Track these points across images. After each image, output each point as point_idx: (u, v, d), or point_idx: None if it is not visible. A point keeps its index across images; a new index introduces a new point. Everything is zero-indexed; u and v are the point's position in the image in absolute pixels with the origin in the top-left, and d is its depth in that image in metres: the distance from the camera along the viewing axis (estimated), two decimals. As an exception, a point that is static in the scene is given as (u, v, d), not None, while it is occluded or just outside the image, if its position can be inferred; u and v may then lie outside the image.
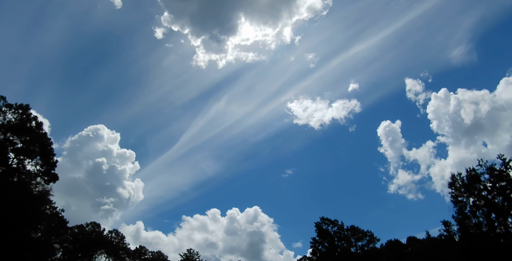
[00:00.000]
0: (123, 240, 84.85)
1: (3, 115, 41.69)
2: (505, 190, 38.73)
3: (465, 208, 41.67)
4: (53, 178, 45.53)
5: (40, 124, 44.53)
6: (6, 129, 41.33)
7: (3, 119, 41.68)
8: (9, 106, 42.06)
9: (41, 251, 37.04)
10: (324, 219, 67.58)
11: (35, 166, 44.50)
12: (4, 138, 41.58)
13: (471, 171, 41.97)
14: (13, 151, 42.31)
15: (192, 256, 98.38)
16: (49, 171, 45.10)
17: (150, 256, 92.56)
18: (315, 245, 66.29)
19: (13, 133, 41.78)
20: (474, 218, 40.72)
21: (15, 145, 42.28)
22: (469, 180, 41.73)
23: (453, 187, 43.07)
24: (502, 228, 38.90)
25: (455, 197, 42.70)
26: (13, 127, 41.55)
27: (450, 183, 43.32)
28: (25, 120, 42.50)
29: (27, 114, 42.89)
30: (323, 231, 66.08)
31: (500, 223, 39.22)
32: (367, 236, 65.14)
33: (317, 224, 66.88)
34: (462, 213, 41.51)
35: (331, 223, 67.02)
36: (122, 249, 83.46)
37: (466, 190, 41.67)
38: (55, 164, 45.68)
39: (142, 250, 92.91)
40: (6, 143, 41.55)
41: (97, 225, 79.15)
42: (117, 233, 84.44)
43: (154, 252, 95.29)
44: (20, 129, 41.78)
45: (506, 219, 38.98)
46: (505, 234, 37.89)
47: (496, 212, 39.30)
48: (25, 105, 42.98)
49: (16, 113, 42.38)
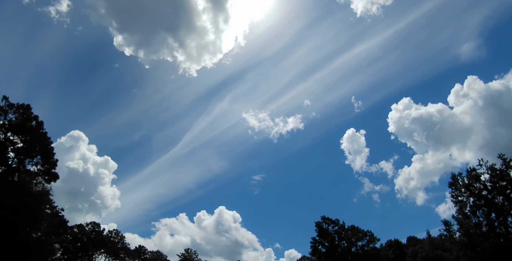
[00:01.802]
0: (123, 240, 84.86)
1: (4, 114, 41.69)
2: (506, 189, 38.79)
3: (465, 208, 41.75)
4: (53, 177, 45.54)
5: (41, 123, 44.53)
6: (6, 129, 41.33)
7: (4, 118, 41.70)
8: (10, 106, 42.05)
9: (41, 250, 37.00)
10: (325, 218, 67.39)
11: (35, 166, 44.51)
12: (5, 138, 41.57)
13: (471, 171, 42.04)
14: (13, 151, 42.31)
15: (190, 256, 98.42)
16: (49, 170, 45.10)
17: (149, 255, 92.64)
18: (315, 245, 66.19)
19: (13, 132, 41.78)
20: (474, 217, 40.79)
21: (15, 145, 42.27)
22: (469, 180, 41.81)
23: (453, 186, 43.15)
24: (502, 228, 38.96)
25: (455, 196, 42.79)
26: (14, 127, 41.55)
27: (451, 182, 43.41)
28: (25, 120, 42.49)
29: (28, 114, 42.87)
30: (324, 230, 65.97)
31: (500, 223, 39.28)
32: (367, 236, 65.10)
33: (318, 224, 66.71)
34: (462, 213, 41.58)
35: (331, 222, 66.91)
36: (122, 249, 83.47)
37: (466, 189, 41.75)
38: (55, 163, 45.68)
39: (141, 249, 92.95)
40: (7, 142, 41.54)
41: (97, 225, 79.17)
42: (117, 233, 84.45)
43: (153, 251, 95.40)
44: (21, 129, 41.76)
45: (506, 219, 39.05)
46: (505, 234, 37.94)
47: (496, 212, 39.37)
48: (26, 105, 43.00)
49: (17, 112, 42.38)
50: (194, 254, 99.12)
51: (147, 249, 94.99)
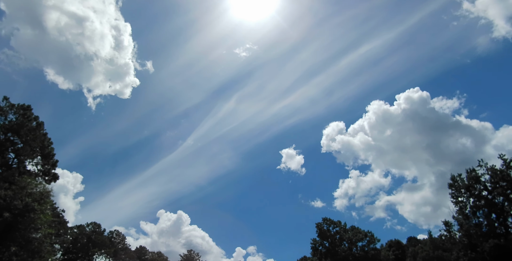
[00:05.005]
0: (123, 241, 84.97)
1: (4, 115, 41.84)
2: (506, 190, 38.77)
3: (466, 209, 41.74)
4: (54, 177, 45.74)
5: (41, 124, 44.69)
6: (7, 129, 41.46)
7: (4, 119, 41.83)
8: (11, 106, 42.22)
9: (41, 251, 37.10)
10: (325, 219, 67.68)
11: (36, 166, 44.69)
12: (5, 138, 41.69)
13: (471, 172, 42.04)
14: (13, 151, 42.44)
15: (192, 257, 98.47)
16: (50, 170, 45.29)
17: (150, 256, 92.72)
18: (315, 245, 66.36)
19: (14, 133, 41.91)
20: (474, 218, 40.78)
21: (15, 145, 42.40)
22: (469, 181, 41.80)
23: (453, 187, 43.16)
24: (502, 228, 38.93)
25: (455, 197, 42.79)
26: (14, 127, 41.69)
27: (450, 183, 43.42)
28: (26, 120, 42.64)
29: (28, 114, 43.03)
30: (323, 231, 66.16)
31: (500, 224, 39.26)
32: (367, 236, 65.20)
33: (318, 225, 66.99)
34: (463, 213, 41.57)
35: (332, 223, 67.10)
36: (123, 249, 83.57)
37: (466, 190, 41.75)
38: (56, 163, 45.87)
39: (142, 250, 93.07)
40: (7, 143, 41.67)
41: (98, 225, 79.26)
42: (118, 233, 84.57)
43: (154, 252, 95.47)
44: (21, 129, 41.89)
45: (506, 220, 39.03)
46: (505, 235, 37.91)
47: (497, 212, 39.36)
48: (26, 105, 43.16)
49: (17, 113, 42.53)
50: (196, 255, 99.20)
51: (148, 249, 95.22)
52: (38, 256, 36.23)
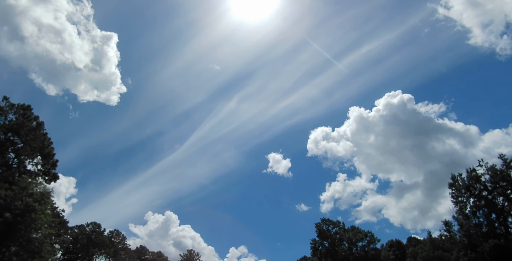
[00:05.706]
0: (123, 241, 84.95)
1: (5, 115, 41.84)
2: (506, 190, 38.77)
3: (466, 208, 41.74)
4: (54, 177, 45.76)
5: (41, 124, 44.69)
6: (7, 129, 41.46)
7: (4, 119, 41.83)
8: (11, 106, 42.22)
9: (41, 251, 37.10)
10: (324, 219, 67.74)
11: (36, 166, 44.69)
12: (5, 138, 41.69)
13: (471, 171, 42.04)
14: (13, 151, 42.44)
15: (192, 257, 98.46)
16: (50, 170, 45.29)
17: (150, 256, 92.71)
18: (315, 245, 66.38)
19: (14, 133, 41.92)
20: (474, 218, 40.78)
21: (15, 145, 42.40)
22: (469, 181, 41.80)
23: (453, 187, 43.16)
24: (503, 228, 38.94)
25: (455, 197, 42.80)
26: (14, 127, 41.69)
27: (450, 183, 43.42)
28: (26, 120, 42.64)
29: (28, 114, 43.03)
30: (323, 231, 66.18)
31: (500, 224, 39.27)
32: (367, 236, 65.19)
33: (317, 225, 67.01)
34: (463, 213, 41.57)
35: (331, 223, 67.14)
36: (123, 249, 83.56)
37: (466, 190, 41.75)
38: (56, 163, 45.89)
39: (142, 250, 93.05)
40: (7, 142, 41.66)
41: (98, 225, 79.24)
42: (118, 233, 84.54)
43: (154, 252, 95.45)
44: (21, 129, 41.90)
45: (506, 220, 39.04)
46: (505, 235, 37.92)
47: (497, 213, 39.36)
48: (26, 105, 43.16)
49: (17, 113, 42.54)
50: (196, 255, 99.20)
51: (148, 249, 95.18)
52: (38, 256, 36.22)
